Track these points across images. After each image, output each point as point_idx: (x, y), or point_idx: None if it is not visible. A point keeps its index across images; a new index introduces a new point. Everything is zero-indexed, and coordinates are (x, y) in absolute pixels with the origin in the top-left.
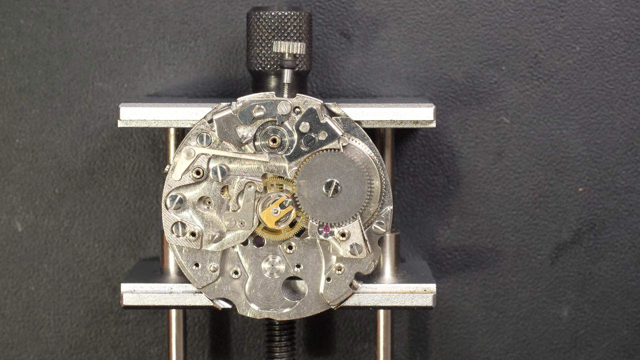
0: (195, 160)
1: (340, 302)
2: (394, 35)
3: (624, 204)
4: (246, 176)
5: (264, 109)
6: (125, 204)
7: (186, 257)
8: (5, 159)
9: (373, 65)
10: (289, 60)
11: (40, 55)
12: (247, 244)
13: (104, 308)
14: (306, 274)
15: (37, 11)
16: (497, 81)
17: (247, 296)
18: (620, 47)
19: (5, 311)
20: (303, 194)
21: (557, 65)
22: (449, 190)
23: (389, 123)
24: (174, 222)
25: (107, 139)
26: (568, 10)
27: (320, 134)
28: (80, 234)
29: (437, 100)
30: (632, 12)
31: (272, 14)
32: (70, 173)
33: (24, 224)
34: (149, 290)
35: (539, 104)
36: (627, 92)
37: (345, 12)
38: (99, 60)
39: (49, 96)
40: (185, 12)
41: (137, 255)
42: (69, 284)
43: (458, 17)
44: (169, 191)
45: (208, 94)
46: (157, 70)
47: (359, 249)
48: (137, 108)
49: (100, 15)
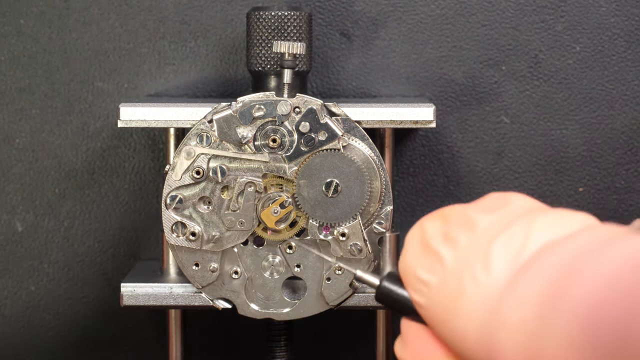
0: (195, 160)
1: (340, 302)
2: (394, 35)
3: (624, 204)
4: (246, 176)
5: (264, 109)
6: (125, 204)
7: (186, 257)
8: (5, 159)
9: (373, 65)
10: (289, 60)
11: (40, 55)
12: (247, 244)
13: (104, 308)
14: (306, 274)
15: (37, 11)
16: (497, 81)
17: (247, 296)
18: (620, 47)
19: (5, 311)
20: (303, 194)
21: (557, 65)
22: (449, 190)
23: (389, 123)
24: (174, 222)
25: (107, 139)
26: (568, 10)
27: (320, 134)
28: (80, 234)
29: (437, 100)
30: (632, 12)
31: (272, 14)
32: (70, 173)
33: (24, 224)
34: (149, 290)
35: (539, 104)
36: (627, 92)
37: (345, 12)
38: (99, 60)
39: (49, 96)
40: (185, 12)
41: (137, 255)
42: (69, 284)
43: (458, 17)
44: (169, 191)
45: (208, 94)
46: (157, 70)
47: (359, 249)
48: (137, 108)
49: (100, 15)
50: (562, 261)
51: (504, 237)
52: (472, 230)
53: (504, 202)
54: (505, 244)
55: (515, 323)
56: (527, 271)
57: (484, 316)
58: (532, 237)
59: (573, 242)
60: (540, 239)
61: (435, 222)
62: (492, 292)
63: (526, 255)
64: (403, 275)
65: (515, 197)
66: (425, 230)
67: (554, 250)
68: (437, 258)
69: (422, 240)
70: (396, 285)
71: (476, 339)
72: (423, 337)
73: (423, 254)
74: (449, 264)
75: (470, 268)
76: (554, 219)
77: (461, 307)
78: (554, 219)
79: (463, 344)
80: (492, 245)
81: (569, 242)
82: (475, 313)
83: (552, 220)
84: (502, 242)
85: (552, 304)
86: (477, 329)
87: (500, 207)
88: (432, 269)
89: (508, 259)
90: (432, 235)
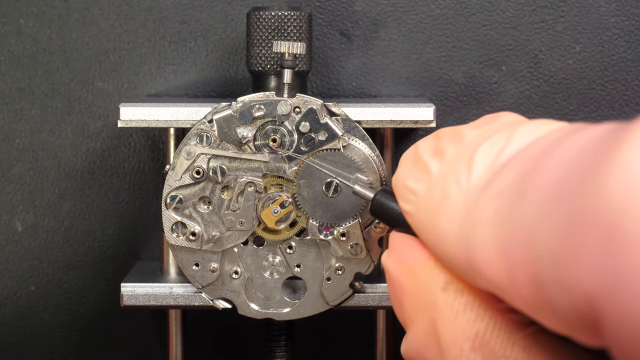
0: (195, 160)
1: (340, 302)
2: (394, 35)
3: None
4: (246, 176)
5: (264, 109)
6: (125, 204)
7: (186, 257)
8: (5, 159)
9: (373, 65)
10: (289, 60)
11: (40, 55)
12: (247, 244)
13: (104, 308)
14: (306, 274)
15: (37, 11)
16: (497, 81)
17: (247, 296)
18: (620, 47)
19: (5, 311)
20: (303, 194)
21: (557, 65)
22: None
23: (389, 123)
24: (174, 222)
25: (107, 139)
26: (568, 10)
27: (320, 134)
28: (80, 234)
29: (437, 100)
30: (632, 12)
31: (272, 14)
32: (70, 173)
33: (24, 224)
34: (149, 290)
35: (539, 104)
36: (627, 92)
37: (345, 12)
38: (99, 60)
39: (49, 96)
40: (185, 12)
41: (137, 255)
42: (69, 284)
43: (458, 17)
44: (169, 191)
45: (208, 94)
46: (157, 70)
47: (359, 249)
48: (137, 108)
49: (100, 15)
50: (532, 153)
51: (487, 144)
52: (460, 142)
53: (493, 119)
54: (488, 149)
55: (490, 215)
56: (503, 168)
57: (463, 215)
58: (513, 141)
59: (545, 138)
60: (520, 143)
61: (428, 140)
62: (472, 193)
63: (506, 157)
64: (395, 188)
65: (505, 114)
66: (417, 148)
67: (528, 147)
68: (426, 168)
69: (414, 156)
70: (389, 200)
71: (455, 240)
72: (408, 245)
73: (413, 166)
74: (435, 172)
75: (455, 173)
76: (535, 126)
77: (444, 210)
78: (536, 125)
79: (445, 247)
80: (476, 152)
81: (542, 139)
82: (456, 214)
83: (534, 126)
84: (485, 148)
85: (520, 188)
86: (457, 230)
87: (489, 123)
88: (420, 178)
89: (488, 161)
90: (423, 151)
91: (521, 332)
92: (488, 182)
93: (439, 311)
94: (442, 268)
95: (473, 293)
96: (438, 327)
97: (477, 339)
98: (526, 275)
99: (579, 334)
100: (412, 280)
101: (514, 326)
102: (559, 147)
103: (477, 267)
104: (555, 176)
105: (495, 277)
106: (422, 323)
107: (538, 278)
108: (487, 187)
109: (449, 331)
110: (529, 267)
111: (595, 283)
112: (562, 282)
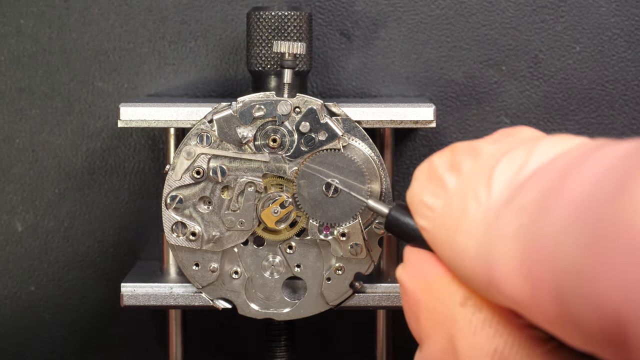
0: (195, 160)
1: (340, 302)
2: (394, 35)
3: None
4: (246, 176)
5: (264, 109)
6: (125, 204)
7: (186, 257)
8: (5, 159)
9: (373, 65)
10: (289, 60)
11: (40, 55)
12: (247, 244)
13: (104, 308)
14: (306, 274)
15: (37, 11)
16: (497, 81)
17: (247, 296)
18: (620, 47)
19: (5, 311)
20: (303, 194)
21: (557, 65)
22: None
23: (389, 123)
24: (174, 222)
25: (107, 139)
26: (568, 10)
27: (321, 134)
28: (80, 234)
29: (437, 100)
30: (632, 12)
31: (272, 14)
32: (70, 173)
33: (24, 224)
34: (149, 290)
35: (539, 104)
36: (627, 92)
37: (345, 12)
38: (99, 60)
39: (49, 96)
40: (185, 12)
41: (137, 255)
42: (69, 284)
43: (458, 17)
44: (169, 191)
45: (208, 94)
46: (157, 70)
47: (359, 249)
48: (137, 108)
49: (100, 15)
50: (556, 169)
51: (507, 159)
52: (477, 157)
53: (510, 133)
54: (507, 165)
55: (512, 231)
56: (525, 185)
57: (482, 232)
58: (533, 157)
59: (568, 154)
60: (540, 159)
61: (443, 155)
62: (492, 209)
63: (526, 173)
64: (410, 203)
65: (522, 128)
66: (432, 162)
67: (550, 164)
68: (442, 184)
69: (430, 171)
70: (404, 215)
71: (474, 256)
72: (424, 259)
73: (429, 181)
74: (452, 188)
75: (473, 189)
76: (555, 142)
77: (462, 226)
78: (555, 141)
79: (463, 263)
80: (495, 167)
81: (564, 155)
82: (475, 230)
83: (554, 142)
84: (504, 164)
85: (544, 205)
86: (476, 246)
87: (507, 137)
88: (437, 193)
89: (508, 177)
90: (438, 165)
91: (540, 349)
92: (509, 198)
93: (457, 327)
94: (459, 283)
95: (492, 309)
96: (456, 343)
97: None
98: (549, 290)
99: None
100: (429, 295)
101: (533, 342)
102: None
103: (497, 282)
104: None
105: (516, 293)
106: (439, 338)
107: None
108: (508, 204)
109: (468, 347)
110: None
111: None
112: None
